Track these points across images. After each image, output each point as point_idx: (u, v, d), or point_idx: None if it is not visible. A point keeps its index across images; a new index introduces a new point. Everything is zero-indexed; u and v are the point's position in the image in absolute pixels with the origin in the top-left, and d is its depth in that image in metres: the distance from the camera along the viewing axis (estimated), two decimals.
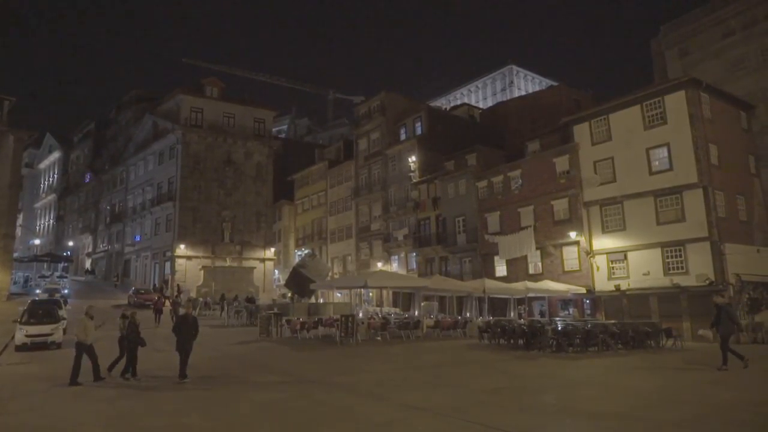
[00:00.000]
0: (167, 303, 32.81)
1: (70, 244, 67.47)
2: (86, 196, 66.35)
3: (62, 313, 20.49)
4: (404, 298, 37.65)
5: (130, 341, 12.55)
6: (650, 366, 16.22)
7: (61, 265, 57.34)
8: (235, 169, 48.85)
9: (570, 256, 30.16)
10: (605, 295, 28.31)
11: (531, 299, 30.52)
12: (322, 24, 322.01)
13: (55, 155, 75.45)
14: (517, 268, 32.25)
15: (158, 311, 28.25)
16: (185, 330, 12.29)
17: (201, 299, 36.50)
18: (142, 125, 53.67)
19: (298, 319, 23.29)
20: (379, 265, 42.59)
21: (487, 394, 10.91)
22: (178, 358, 12.12)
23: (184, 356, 12.06)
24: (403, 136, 44.67)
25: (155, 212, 48.82)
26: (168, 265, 46.17)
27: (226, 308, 31.96)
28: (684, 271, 25.53)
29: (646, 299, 26.62)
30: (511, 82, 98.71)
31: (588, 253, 29.22)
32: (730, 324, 13.00)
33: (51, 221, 75.04)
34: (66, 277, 49.77)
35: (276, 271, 52.96)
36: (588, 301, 29.40)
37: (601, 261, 28.75)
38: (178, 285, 42.94)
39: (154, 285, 44.44)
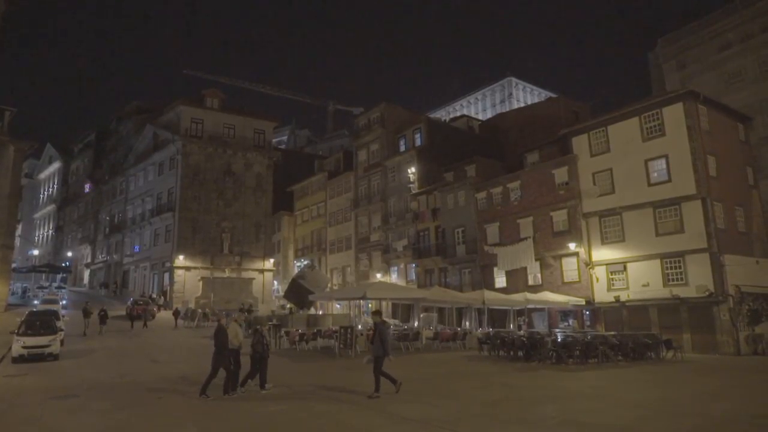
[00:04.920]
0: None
1: (69, 254, 67.36)
2: (86, 206, 66.36)
3: (60, 324, 20.39)
4: (403, 309, 37.52)
5: (257, 352, 12.43)
6: (650, 378, 16.16)
7: (59, 276, 57.26)
8: (234, 179, 48.95)
9: (569, 268, 30.12)
10: (605, 307, 28.23)
11: (530, 310, 30.43)
12: (323, 36, 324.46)
13: (55, 166, 75.58)
14: (517, 280, 32.19)
15: (135, 318, 30.52)
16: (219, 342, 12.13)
17: (200, 310, 36.35)
18: (142, 136, 53.84)
19: (297, 330, 23.19)
20: (379, 276, 42.49)
21: (486, 406, 10.84)
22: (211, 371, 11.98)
23: (213, 372, 11.89)
24: (402, 148, 44.80)
25: (155, 223, 48.81)
26: (167, 275, 46.08)
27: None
28: (684, 282, 25.49)
29: (645, 310, 26.55)
30: (510, 93, 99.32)
31: (587, 265, 29.19)
32: (381, 346, 11.75)
33: (50, 232, 74.98)
34: (64, 288, 49.70)
35: (275, 282, 52.84)
36: (588, 313, 29.31)
37: (600, 272, 28.71)
38: (151, 296, 42.92)
39: (150, 295, 44.41)
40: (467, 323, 30.09)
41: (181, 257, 44.97)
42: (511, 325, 29.19)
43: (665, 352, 21.28)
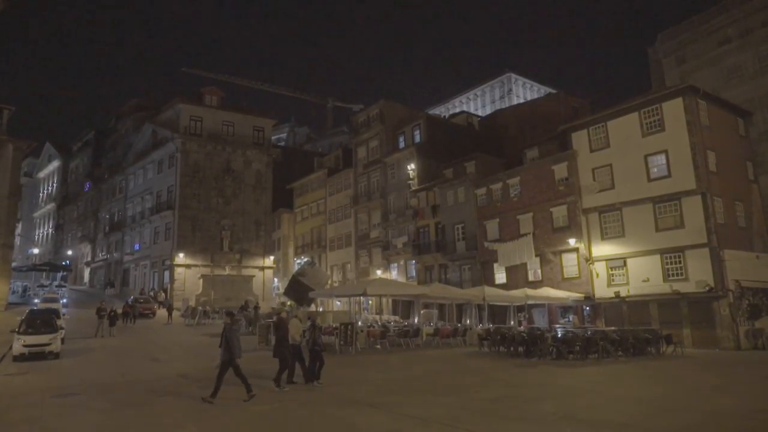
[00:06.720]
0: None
1: (69, 253, 67.32)
2: (85, 205, 66.30)
3: (61, 322, 20.37)
4: (404, 306, 37.55)
5: (317, 345, 12.68)
6: (651, 373, 16.18)
7: (59, 275, 57.16)
8: (234, 177, 48.87)
9: (569, 263, 30.13)
10: (605, 302, 28.26)
11: (531, 306, 30.45)
12: (322, 33, 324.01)
13: (55, 164, 75.48)
14: (517, 276, 32.21)
15: (125, 315, 31.79)
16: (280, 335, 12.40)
17: (200, 308, 36.34)
18: (141, 134, 53.77)
19: None
20: (379, 273, 42.51)
21: (487, 402, 10.85)
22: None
23: (283, 364, 12.13)
24: (401, 144, 44.75)
25: (154, 221, 48.78)
26: (167, 273, 46.08)
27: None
28: (683, 277, 25.50)
29: (645, 306, 26.58)
30: (510, 89, 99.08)
31: (587, 260, 29.19)
32: (228, 349, 10.78)
33: (50, 230, 74.92)
34: (65, 287, 49.64)
35: (275, 280, 52.83)
36: (588, 308, 29.34)
37: (600, 268, 28.72)
38: (150, 294, 43.32)
39: (149, 293, 44.45)
40: (467, 320, 30.10)
41: (181, 255, 44.97)
42: (512, 322, 29.22)
43: (665, 347, 21.30)
